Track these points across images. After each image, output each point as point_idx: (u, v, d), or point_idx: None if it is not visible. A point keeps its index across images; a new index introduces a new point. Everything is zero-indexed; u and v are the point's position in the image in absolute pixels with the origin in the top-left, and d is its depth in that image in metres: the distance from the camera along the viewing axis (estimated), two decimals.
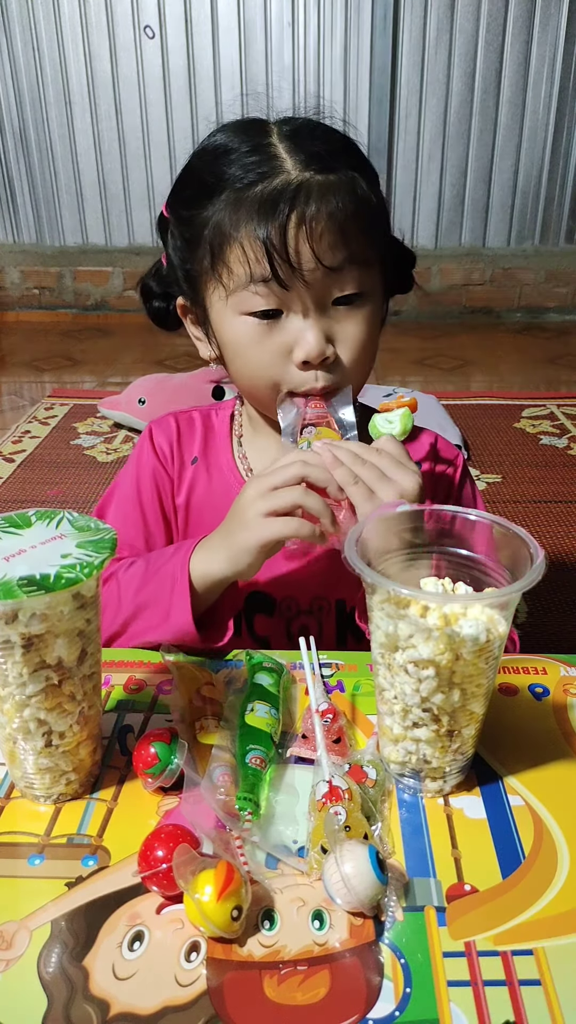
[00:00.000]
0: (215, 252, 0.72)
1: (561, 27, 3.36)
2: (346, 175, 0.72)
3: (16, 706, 0.51)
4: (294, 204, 0.69)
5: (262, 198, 0.69)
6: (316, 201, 0.69)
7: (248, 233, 0.69)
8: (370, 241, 0.73)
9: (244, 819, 0.52)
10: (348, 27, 3.34)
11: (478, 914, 0.48)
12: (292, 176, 0.70)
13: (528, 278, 3.77)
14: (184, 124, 3.49)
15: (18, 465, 2.29)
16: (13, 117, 3.56)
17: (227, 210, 0.71)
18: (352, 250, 0.71)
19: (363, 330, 0.74)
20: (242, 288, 0.71)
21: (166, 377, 2.53)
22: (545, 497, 2.09)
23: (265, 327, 0.72)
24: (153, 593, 0.74)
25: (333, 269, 0.70)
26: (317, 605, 0.85)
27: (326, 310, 0.72)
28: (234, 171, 0.71)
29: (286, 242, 0.68)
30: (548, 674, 0.69)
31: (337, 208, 0.69)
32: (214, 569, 0.71)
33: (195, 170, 0.76)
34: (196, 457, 0.88)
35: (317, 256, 0.69)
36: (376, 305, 0.76)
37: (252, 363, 0.75)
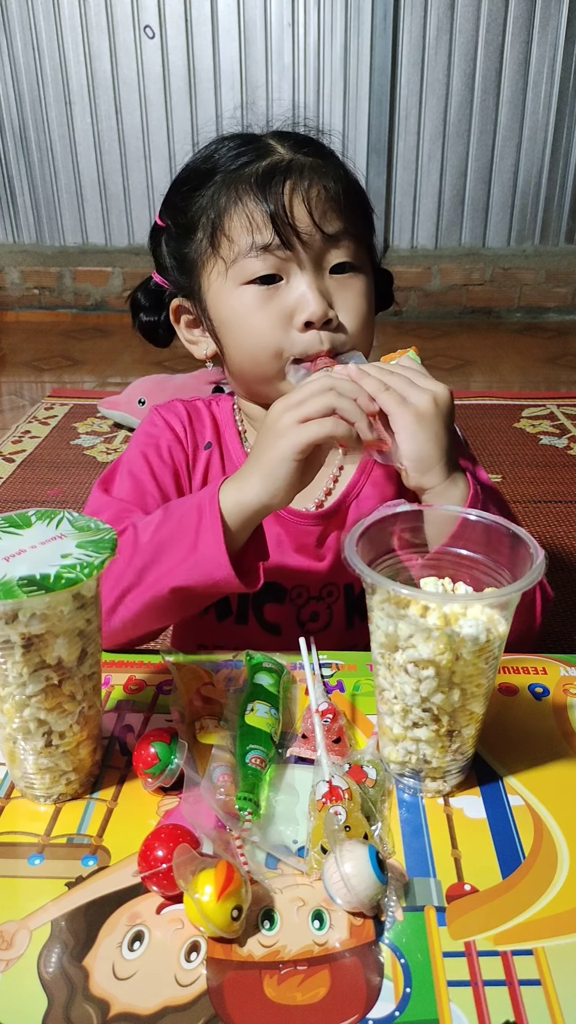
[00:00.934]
0: (214, 227, 0.75)
1: (561, 27, 3.36)
2: (335, 160, 0.78)
3: (16, 706, 0.51)
4: (288, 176, 0.73)
5: (258, 173, 0.74)
6: (309, 175, 0.74)
7: (248, 201, 0.73)
8: (360, 219, 0.77)
9: (244, 819, 0.52)
10: (348, 27, 3.34)
11: (478, 914, 0.48)
12: (284, 156, 0.75)
13: (528, 278, 3.77)
14: (184, 124, 3.49)
15: (18, 465, 2.29)
16: (13, 117, 3.55)
17: (223, 187, 0.75)
18: (347, 223, 0.75)
19: (360, 299, 0.76)
20: (243, 256, 0.74)
21: (166, 378, 2.53)
22: (545, 497, 2.08)
23: (266, 293, 0.74)
24: (176, 529, 0.67)
25: (330, 236, 0.74)
26: (327, 591, 0.85)
27: (324, 276, 0.75)
28: (227, 158, 0.76)
29: (285, 206, 0.72)
30: (548, 674, 0.69)
31: (329, 183, 0.74)
32: (248, 495, 0.65)
33: (189, 169, 0.80)
34: (210, 443, 0.87)
35: (315, 220, 0.73)
36: (370, 283, 0.78)
37: (255, 332, 0.75)
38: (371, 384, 0.64)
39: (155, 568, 0.68)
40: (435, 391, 0.66)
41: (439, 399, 0.65)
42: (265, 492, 0.65)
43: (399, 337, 3.48)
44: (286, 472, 0.64)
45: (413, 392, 0.65)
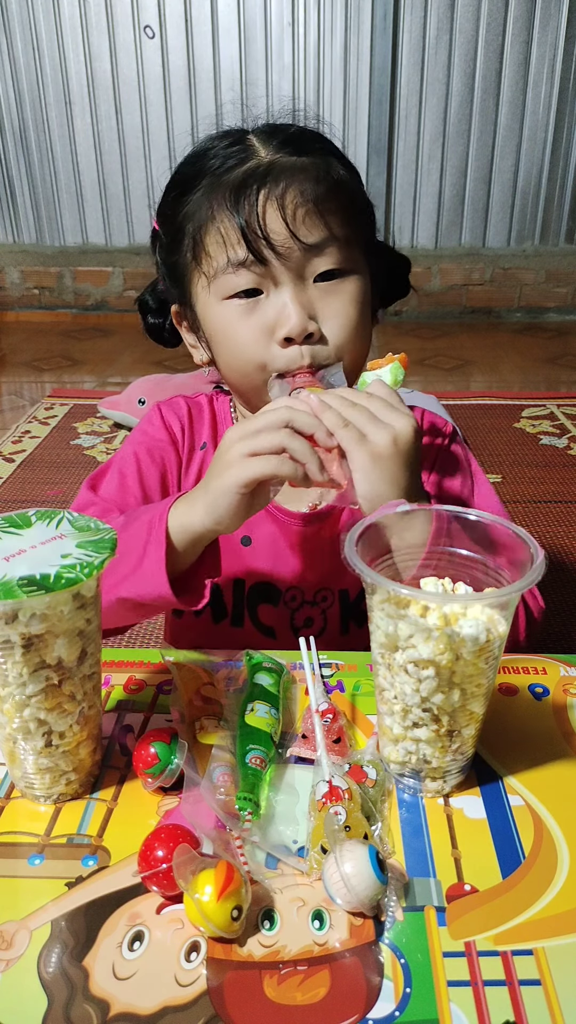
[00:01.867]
0: (195, 241, 0.74)
1: (561, 27, 3.36)
2: (320, 158, 0.73)
3: (16, 706, 0.51)
4: (263, 182, 0.70)
5: (234, 180, 0.71)
6: (287, 179, 0.70)
7: (223, 216, 0.71)
8: (348, 219, 0.73)
9: (244, 819, 0.52)
10: (348, 27, 3.34)
11: (478, 914, 0.48)
12: (264, 158, 0.72)
13: (528, 278, 3.77)
14: (184, 124, 3.49)
15: (18, 465, 2.29)
16: (13, 117, 3.56)
17: (204, 198, 0.73)
18: (330, 228, 0.71)
19: (348, 306, 0.73)
20: (222, 272, 0.72)
21: (166, 377, 2.53)
22: (545, 497, 2.09)
23: (247, 307, 0.73)
24: (128, 542, 0.68)
25: (310, 246, 0.71)
26: (321, 596, 0.85)
27: (307, 287, 0.72)
28: (212, 162, 0.74)
29: (258, 219, 0.69)
30: (548, 674, 0.69)
31: (309, 186, 0.70)
32: (193, 519, 0.66)
33: (177, 173, 0.79)
34: (205, 443, 0.87)
35: (292, 231, 0.70)
36: (363, 283, 0.75)
37: (238, 346, 0.74)
38: (330, 419, 0.62)
39: (110, 576, 0.68)
40: (396, 429, 0.63)
41: (399, 438, 0.62)
42: (209, 519, 0.65)
43: (399, 337, 3.48)
44: (229, 503, 0.64)
45: (372, 429, 0.62)
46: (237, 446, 0.63)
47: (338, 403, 0.63)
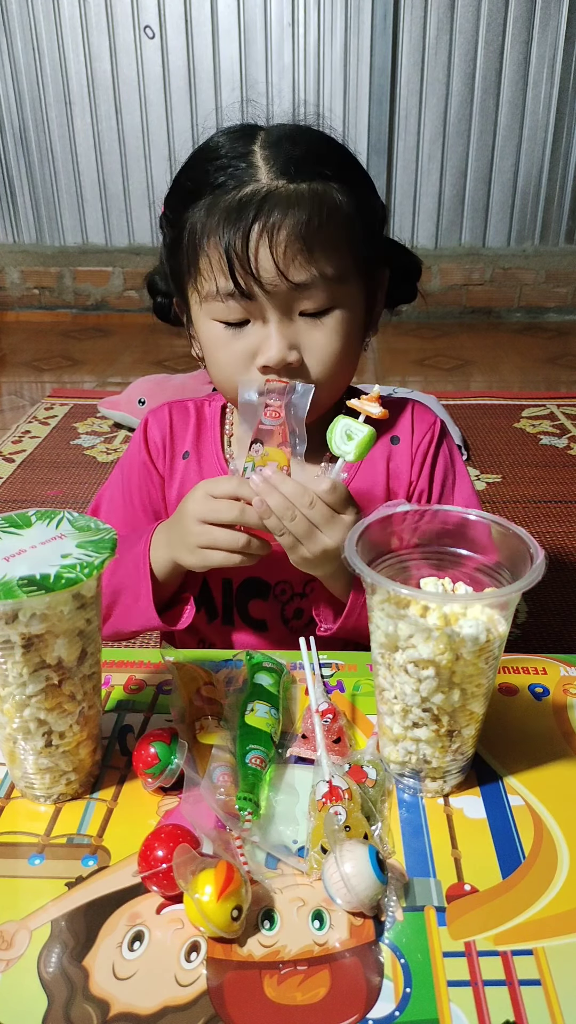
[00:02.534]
0: (190, 259, 0.74)
1: (561, 27, 3.36)
2: (319, 186, 0.71)
3: (16, 706, 0.51)
4: (258, 214, 0.69)
5: (230, 206, 0.70)
6: (281, 212, 0.69)
7: (215, 244, 0.70)
8: (341, 253, 0.72)
9: (244, 819, 0.52)
10: (348, 27, 3.34)
11: (478, 914, 0.48)
12: (262, 184, 0.70)
13: (528, 278, 3.77)
14: (184, 124, 3.49)
15: (18, 465, 2.29)
16: (13, 117, 3.55)
17: (202, 216, 0.72)
18: (320, 267, 0.70)
19: (331, 341, 0.74)
20: (212, 297, 0.73)
21: (166, 378, 2.53)
22: (545, 497, 2.08)
23: (231, 334, 0.74)
24: (124, 579, 0.78)
25: (298, 285, 0.70)
26: (310, 588, 0.85)
27: (292, 319, 0.73)
28: (215, 175, 0.72)
29: (248, 254, 0.69)
30: (548, 674, 0.69)
31: (302, 220, 0.69)
32: (167, 558, 0.76)
33: (184, 172, 0.78)
34: (187, 452, 0.88)
35: (281, 270, 0.69)
36: (351, 315, 0.75)
37: (220, 365, 0.76)
38: (273, 524, 0.68)
39: (117, 609, 0.80)
40: (328, 544, 0.68)
41: (330, 551, 0.68)
42: (180, 563, 0.75)
43: (399, 337, 3.48)
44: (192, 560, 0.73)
45: (307, 541, 0.68)
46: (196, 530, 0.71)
47: (281, 509, 0.67)
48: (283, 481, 0.67)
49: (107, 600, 0.79)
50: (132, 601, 0.78)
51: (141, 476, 0.89)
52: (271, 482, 0.67)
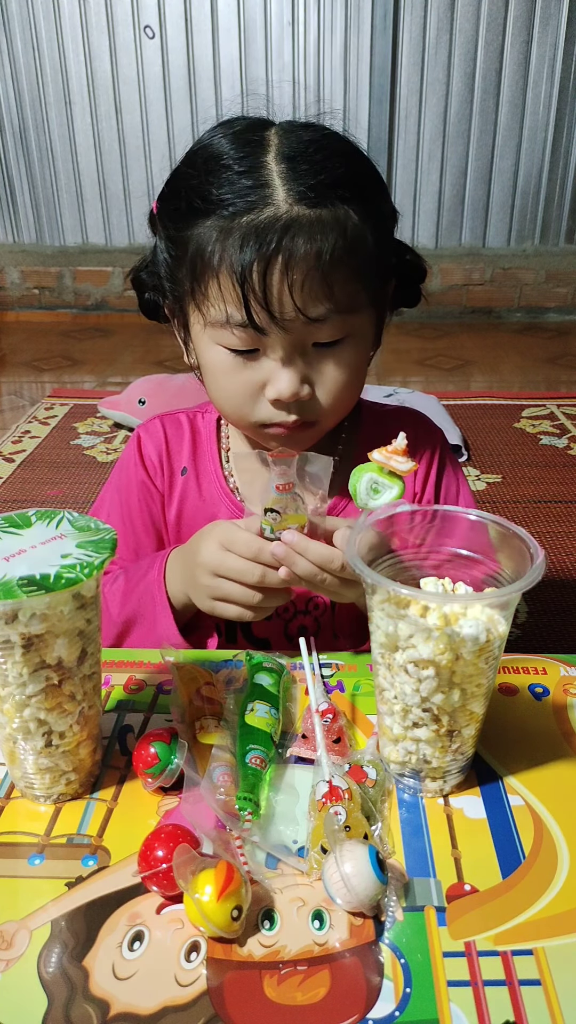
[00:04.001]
0: (195, 281, 0.69)
1: (561, 27, 3.36)
2: (340, 211, 0.67)
3: (16, 706, 0.51)
4: (279, 245, 0.64)
5: (246, 233, 0.65)
6: (303, 243, 0.65)
7: (227, 272, 0.66)
8: (358, 286, 0.69)
9: (244, 819, 0.52)
10: (348, 27, 3.34)
11: (478, 914, 0.48)
12: (281, 210, 0.65)
13: (528, 278, 3.77)
14: (184, 124, 3.49)
15: (18, 465, 2.29)
16: (13, 117, 3.55)
17: (210, 237, 0.67)
18: (336, 300, 0.67)
19: (343, 373, 0.71)
20: (219, 325, 0.69)
21: (166, 378, 2.53)
22: (545, 497, 2.09)
23: (240, 362, 0.70)
24: (138, 608, 0.77)
25: (313, 319, 0.67)
26: (313, 604, 0.85)
27: (305, 353, 0.70)
28: (223, 193, 0.66)
29: (266, 288, 0.65)
30: (548, 674, 0.69)
31: (323, 251, 0.65)
32: (183, 592, 0.75)
33: (183, 183, 0.71)
34: (185, 468, 0.86)
35: (297, 306, 0.66)
36: (361, 342, 0.73)
37: (225, 392, 0.73)
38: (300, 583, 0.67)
39: (129, 638, 0.79)
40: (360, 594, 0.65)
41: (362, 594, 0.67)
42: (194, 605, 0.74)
43: (400, 337, 3.48)
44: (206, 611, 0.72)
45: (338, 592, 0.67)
46: (209, 585, 0.69)
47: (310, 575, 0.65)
48: (308, 548, 0.64)
49: (117, 629, 0.78)
50: (149, 629, 0.77)
51: (141, 495, 0.86)
52: (296, 548, 0.64)
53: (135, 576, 0.79)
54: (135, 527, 0.87)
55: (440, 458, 0.87)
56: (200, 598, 0.71)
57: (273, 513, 0.66)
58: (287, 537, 0.64)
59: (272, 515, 0.66)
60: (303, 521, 0.66)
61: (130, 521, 0.87)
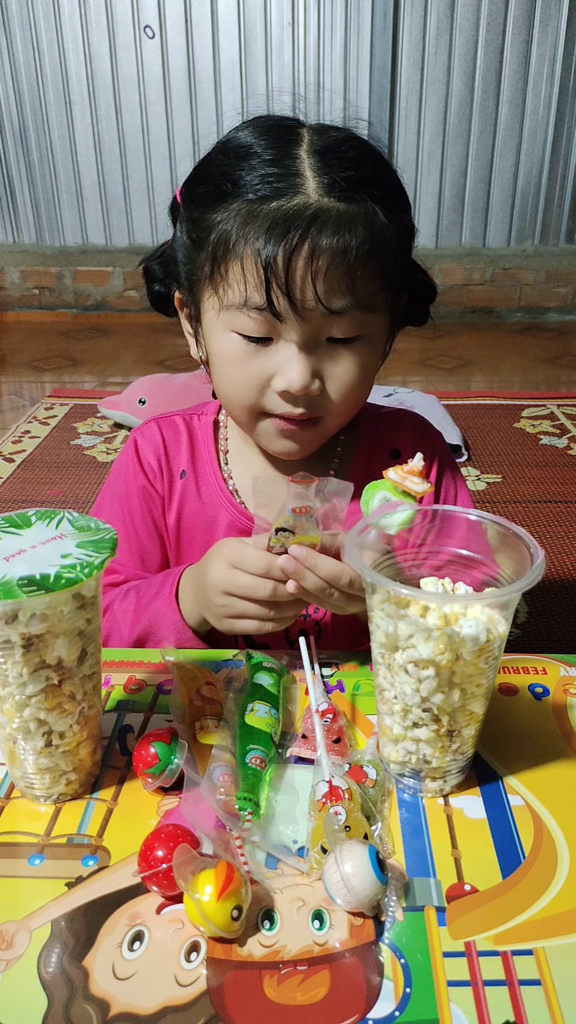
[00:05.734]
0: (216, 262, 0.69)
1: (561, 27, 3.36)
2: (369, 208, 0.67)
3: (16, 706, 0.51)
4: (307, 233, 0.64)
5: (274, 218, 0.65)
6: (330, 234, 0.64)
7: (252, 254, 0.65)
8: (379, 285, 0.69)
9: (244, 819, 0.52)
10: (348, 27, 3.34)
11: (478, 914, 0.48)
12: (311, 199, 0.65)
13: (528, 278, 3.77)
14: (184, 124, 3.49)
15: (18, 465, 2.29)
16: (13, 117, 3.56)
17: (236, 221, 0.66)
18: (358, 295, 0.67)
19: (355, 372, 0.71)
20: (235, 308, 0.68)
21: (166, 377, 2.53)
22: (545, 497, 2.09)
23: (252, 349, 0.70)
24: (149, 627, 0.77)
25: (333, 311, 0.67)
26: (313, 607, 0.85)
27: (319, 346, 0.69)
28: (251, 179, 0.66)
29: (289, 273, 0.65)
30: (548, 674, 0.69)
31: (351, 245, 0.65)
32: (197, 613, 0.74)
33: (213, 167, 0.71)
34: (184, 471, 0.85)
35: (319, 295, 0.65)
36: (375, 345, 0.73)
37: (234, 381, 0.72)
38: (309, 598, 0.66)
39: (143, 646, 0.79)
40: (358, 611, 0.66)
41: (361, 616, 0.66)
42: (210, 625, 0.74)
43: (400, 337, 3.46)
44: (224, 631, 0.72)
45: (347, 606, 0.67)
46: (221, 604, 0.69)
47: (319, 590, 0.65)
48: (317, 563, 0.64)
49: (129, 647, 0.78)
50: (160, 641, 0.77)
51: (142, 500, 0.85)
52: (306, 564, 0.63)
53: (147, 594, 0.78)
54: (139, 534, 0.86)
55: (439, 462, 0.86)
56: (215, 618, 0.71)
57: (284, 532, 0.65)
58: (296, 551, 0.64)
59: (283, 534, 0.65)
60: (316, 541, 0.65)
61: (133, 528, 0.86)
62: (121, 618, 0.79)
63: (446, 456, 0.88)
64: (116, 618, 0.79)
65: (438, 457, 0.86)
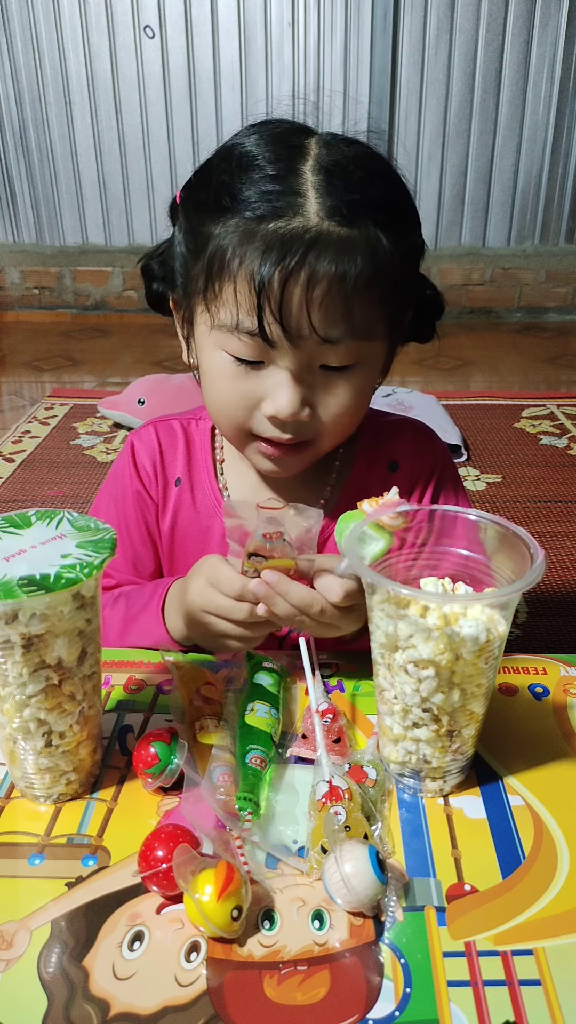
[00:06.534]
0: (210, 278, 0.66)
1: (561, 27, 3.36)
2: (372, 233, 0.64)
3: (16, 706, 0.51)
4: (304, 258, 0.61)
5: (271, 240, 0.62)
6: (328, 260, 0.62)
7: (246, 276, 0.63)
8: (379, 314, 0.67)
9: (244, 819, 0.52)
10: (348, 27, 3.34)
11: (478, 914, 0.48)
12: (311, 222, 0.62)
13: (528, 278, 3.77)
14: (184, 124, 3.49)
15: (18, 465, 2.29)
16: (13, 117, 3.55)
17: (233, 238, 0.64)
18: (354, 324, 0.65)
19: (348, 399, 0.69)
20: (227, 330, 0.66)
21: (166, 377, 2.53)
22: (545, 497, 2.09)
23: (242, 370, 0.67)
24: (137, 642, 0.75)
25: (328, 339, 0.64)
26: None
27: (311, 373, 0.67)
28: (251, 194, 0.63)
29: (284, 299, 0.62)
30: (548, 674, 0.69)
31: (349, 272, 0.62)
32: (182, 630, 0.72)
33: (214, 175, 0.68)
34: (179, 479, 0.84)
35: (313, 324, 0.63)
36: (372, 371, 0.71)
37: (222, 400, 0.70)
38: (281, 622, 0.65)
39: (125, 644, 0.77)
40: (343, 634, 0.66)
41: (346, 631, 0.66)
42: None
43: None
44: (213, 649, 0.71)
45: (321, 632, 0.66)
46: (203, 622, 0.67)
47: (289, 616, 0.63)
48: (288, 590, 0.62)
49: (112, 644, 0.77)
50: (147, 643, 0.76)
51: (137, 505, 0.85)
52: (277, 590, 0.62)
53: (136, 604, 0.78)
54: (132, 539, 0.85)
55: (439, 475, 0.84)
56: (198, 636, 0.70)
57: (257, 558, 0.63)
58: (268, 577, 0.62)
59: (256, 559, 0.63)
60: (291, 566, 0.63)
61: (127, 533, 0.85)
62: (109, 625, 0.78)
63: (447, 469, 0.86)
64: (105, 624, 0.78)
65: (438, 470, 0.85)
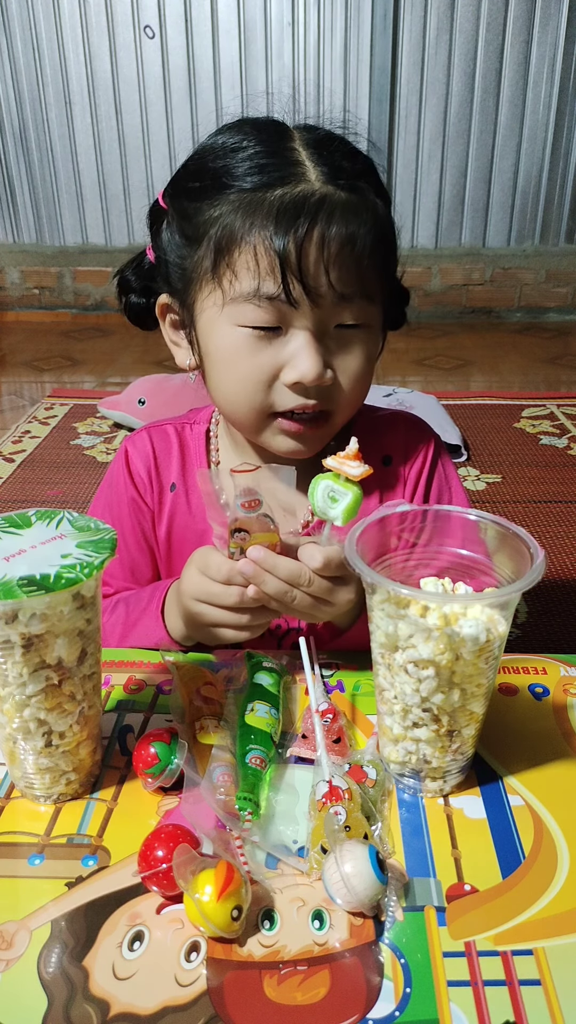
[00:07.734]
0: (220, 255, 0.67)
1: (561, 27, 3.36)
2: (370, 198, 0.68)
3: (16, 706, 0.51)
4: (316, 218, 0.64)
5: (282, 204, 0.64)
6: (339, 220, 0.65)
7: (262, 241, 0.65)
8: (380, 276, 0.70)
9: (244, 819, 0.52)
10: (348, 27, 3.34)
11: (478, 914, 0.48)
12: (315, 187, 0.65)
13: (528, 278, 3.77)
14: (184, 124, 3.49)
15: (18, 465, 2.29)
16: (13, 117, 3.55)
17: (240, 211, 0.66)
18: (364, 281, 0.68)
19: (362, 360, 0.71)
20: (244, 299, 0.67)
21: (166, 378, 2.53)
22: (545, 497, 2.09)
23: (261, 341, 0.68)
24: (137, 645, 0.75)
25: (344, 296, 0.67)
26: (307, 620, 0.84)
27: (327, 335, 0.69)
28: (249, 168, 0.66)
29: (302, 260, 0.64)
30: (548, 674, 0.69)
31: (358, 233, 0.66)
32: (181, 630, 0.72)
33: (203, 162, 0.70)
34: (174, 484, 0.84)
35: (331, 281, 0.66)
36: (375, 336, 0.73)
37: (240, 378, 0.70)
38: (274, 604, 0.64)
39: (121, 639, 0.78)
40: (338, 603, 0.65)
41: (341, 606, 0.65)
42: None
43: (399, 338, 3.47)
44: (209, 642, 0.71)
45: (314, 612, 0.65)
46: (197, 612, 0.67)
47: (280, 593, 0.63)
48: (276, 564, 0.62)
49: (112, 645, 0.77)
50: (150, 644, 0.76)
51: (132, 513, 0.85)
52: (264, 566, 0.62)
53: (135, 609, 0.78)
54: (128, 546, 0.85)
55: (431, 463, 0.85)
56: (193, 629, 0.70)
57: (241, 533, 0.63)
58: (253, 554, 0.62)
59: (240, 535, 0.63)
60: (275, 540, 0.63)
61: (123, 540, 0.84)
62: (109, 631, 0.78)
63: (440, 457, 0.86)
64: (104, 630, 0.78)
65: (430, 459, 0.85)
